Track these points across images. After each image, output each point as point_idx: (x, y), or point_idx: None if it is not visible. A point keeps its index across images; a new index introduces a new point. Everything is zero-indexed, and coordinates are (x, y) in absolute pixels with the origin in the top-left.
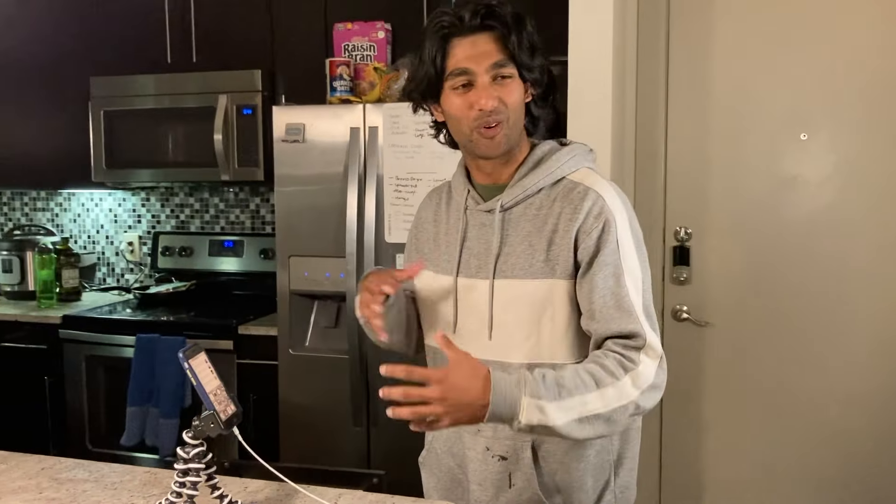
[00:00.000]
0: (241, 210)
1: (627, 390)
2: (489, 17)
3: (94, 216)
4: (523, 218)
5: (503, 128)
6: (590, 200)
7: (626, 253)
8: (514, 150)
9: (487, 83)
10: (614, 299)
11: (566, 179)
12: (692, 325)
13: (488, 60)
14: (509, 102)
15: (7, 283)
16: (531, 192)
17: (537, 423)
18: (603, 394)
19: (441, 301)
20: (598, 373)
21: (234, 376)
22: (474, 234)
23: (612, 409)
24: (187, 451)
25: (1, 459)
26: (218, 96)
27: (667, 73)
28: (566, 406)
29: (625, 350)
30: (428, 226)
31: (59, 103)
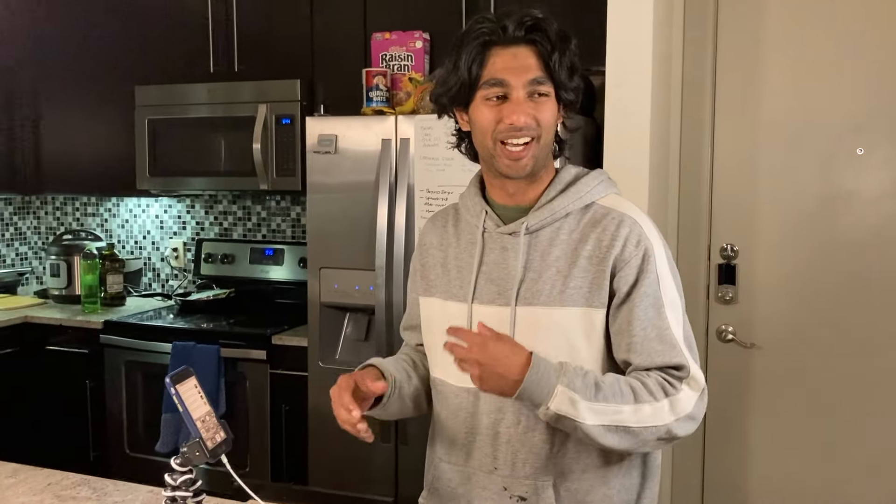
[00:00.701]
0: (283, 218)
1: (664, 414)
2: (534, 31)
3: (141, 222)
4: (551, 243)
5: (533, 147)
6: (626, 227)
7: (665, 283)
8: (539, 170)
9: (523, 98)
10: (656, 331)
11: (596, 205)
12: (738, 346)
13: (527, 75)
14: (543, 121)
15: (55, 287)
16: (559, 215)
17: (565, 414)
18: (638, 409)
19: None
20: (639, 389)
21: (267, 386)
22: (493, 259)
23: (643, 427)
24: (175, 479)
25: (11, 472)
26: (258, 105)
27: (714, 83)
28: (598, 409)
29: (668, 377)
30: (434, 251)
31: (108, 111)
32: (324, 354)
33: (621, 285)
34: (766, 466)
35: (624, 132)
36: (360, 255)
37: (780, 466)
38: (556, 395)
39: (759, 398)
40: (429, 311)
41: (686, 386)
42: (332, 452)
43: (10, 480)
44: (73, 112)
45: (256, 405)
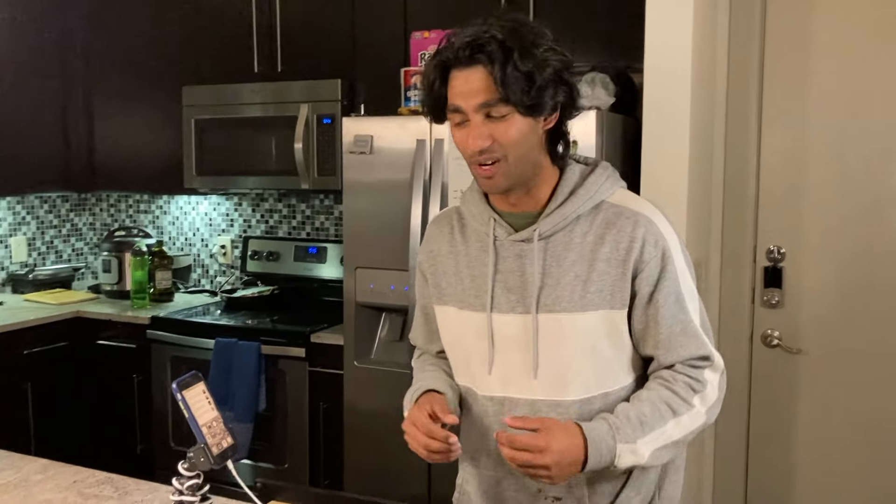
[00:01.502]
0: (326, 217)
1: (699, 414)
2: (479, 51)
3: (191, 219)
4: (566, 247)
5: (501, 166)
6: (642, 227)
7: (683, 277)
8: (528, 181)
9: (479, 122)
10: (680, 326)
11: (606, 203)
12: (784, 352)
13: (477, 99)
14: (503, 140)
15: (107, 282)
16: (570, 219)
17: (631, 465)
18: (679, 422)
19: (471, 340)
20: (673, 401)
21: (305, 384)
22: (507, 267)
23: (686, 434)
24: (181, 483)
25: (41, 468)
26: (300, 105)
27: (760, 82)
28: (650, 440)
29: (692, 370)
30: (444, 258)
31: (157, 111)
32: (359, 354)
33: (643, 286)
34: (812, 476)
35: (662, 132)
36: (396, 255)
37: (827, 477)
38: (620, 455)
39: (805, 406)
40: (444, 320)
41: (709, 372)
42: (366, 451)
43: (38, 476)
44: (125, 112)
45: (295, 402)
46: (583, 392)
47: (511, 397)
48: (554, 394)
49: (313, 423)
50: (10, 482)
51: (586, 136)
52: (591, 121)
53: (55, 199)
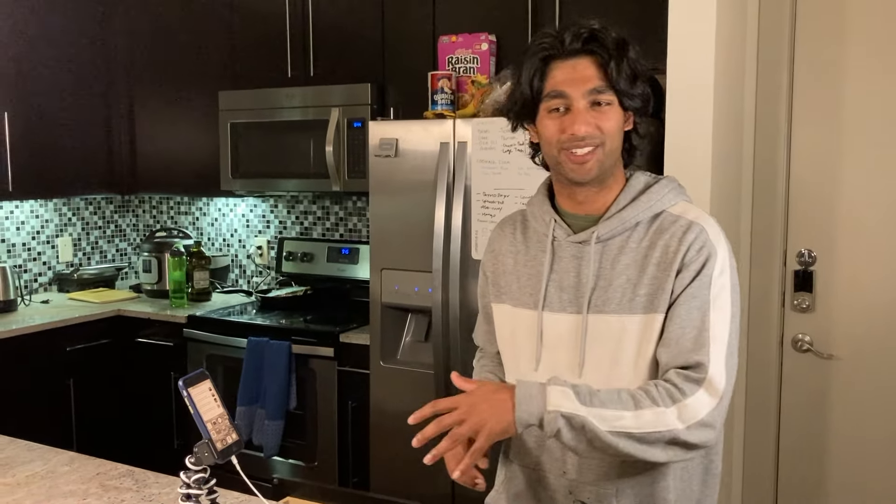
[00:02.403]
0: (359, 218)
1: (668, 419)
2: (591, 42)
3: (229, 221)
4: (621, 251)
5: (597, 153)
6: (693, 233)
7: (719, 289)
8: (607, 178)
9: (584, 108)
10: (694, 332)
11: (666, 213)
12: (815, 357)
13: (586, 85)
14: (606, 128)
15: (147, 282)
16: (629, 225)
17: (568, 411)
18: (639, 415)
19: (522, 337)
20: (639, 396)
21: (334, 383)
22: (562, 267)
23: (647, 433)
24: (188, 476)
25: (68, 461)
26: (331, 109)
27: (791, 80)
28: (599, 415)
29: (680, 380)
30: (504, 258)
31: (195, 115)
32: (385, 354)
33: (678, 287)
34: (845, 484)
35: (685, 134)
36: (420, 256)
37: (860, 485)
38: (550, 394)
39: (837, 412)
40: (500, 318)
41: (702, 391)
42: (391, 450)
43: (64, 468)
44: (164, 117)
45: (325, 401)
46: None
47: None
48: None
49: (342, 421)
50: (38, 473)
51: None
52: None
53: (100, 200)
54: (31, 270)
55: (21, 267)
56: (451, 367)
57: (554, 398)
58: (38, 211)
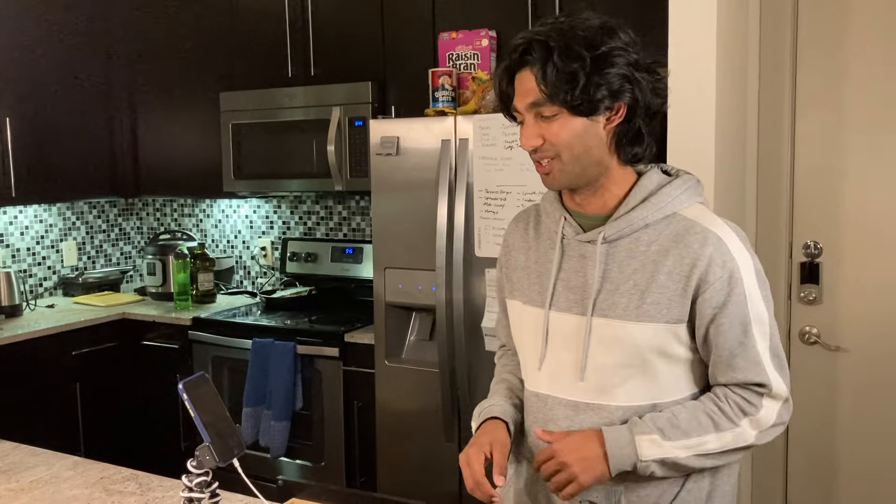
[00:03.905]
0: (362, 218)
1: (746, 434)
2: (526, 53)
3: (233, 222)
4: (629, 254)
5: (556, 164)
6: (711, 246)
7: (753, 300)
8: (594, 182)
9: (531, 122)
10: (741, 349)
11: (678, 216)
12: (823, 349)
13: (527, 99)
14: (554, 139)
15: (152, 284)
16: (637, 226)
17: (660, 457)
18: (720, 437)
19: (529, 335)
20: (717, 416)
21: (340, 383)
22: (571, 266)
23: (728, 451)
24: (190, 480)
25: (71, 465)
26: (332, 108)
27: (794, 69)
28: (684, 445)
29: (748, 394)
30: (517, 253)
31: (197, 117)
32: (389, 353)
33: (705, 308)
34: (853, 476)
35: (687, 127)
36: (423, 255)
37: (868, 476)
38: (640, 445)
39: (845, 404)
40: (512, 314)
41: (767, 400)
42: (397, 449)
43: (69, 473)
44: (166, 119)
45: (331, 401)
46: (628, 400)
47: (555, 396)
48: (597, 398)
49: (349, 421)
50: (42, 478)
51: None
52: None
53: (104, 204)
54: (36, 275)
55: (26, 272)
56: (455, 365)
57: (645, 449)
58: (42, 216)
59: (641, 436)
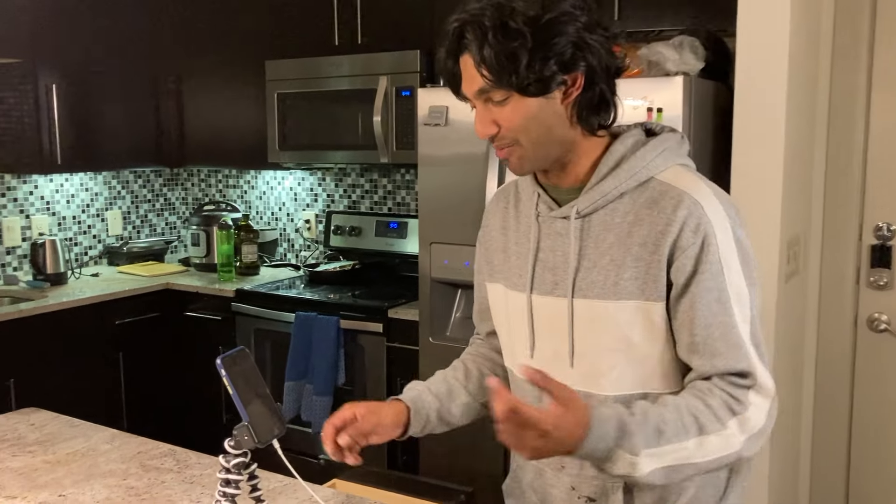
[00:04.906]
0: (407, 191)
1: (733, 439)
2: (462, 37)
3: (277, 194)
4: (605, 227)
5: (516, 150)
6: (684, 209)
7: (731, 273)
8: (563, 158)
9: (482, 109)
10: (720, 329)
11: (654, 180)
12: (892, 336)
13: (473, 86)
14: (507, 124)
15: (196, 255)
16: (611, 196)
17: (623, 474)
18: (704, 442)
19: (516, 321)
20: (703, 416)
21: (383, 359)
22: (548, 245)
23: (710, 460)
24: (227, 460)
25: (109, 438)
26: (379, 78)
27: (871, 43)
28: (659, 452)
29: (733, 388)
30: (496, 234)
31: (242, 86)
32: (434, 330)
33: (678, 277)
34: None
35: (756, 99)
36: (470, 230)
37: None
38: (615, 463)
39: None
40: (494, 298)
41: (755, 395)
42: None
43: (106, 446)
44: (212, 87)
45: (374, 378)
46: (618, 389)
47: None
48: (588, 385)
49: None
50: (79, 451)
51: (673, 104)
52: (678, 87)
53: (149, 174)
54: (82, 243)
55: (71, 240)
56: None
57: (618, 467)
58: (88, 184)
59: (626, 454)
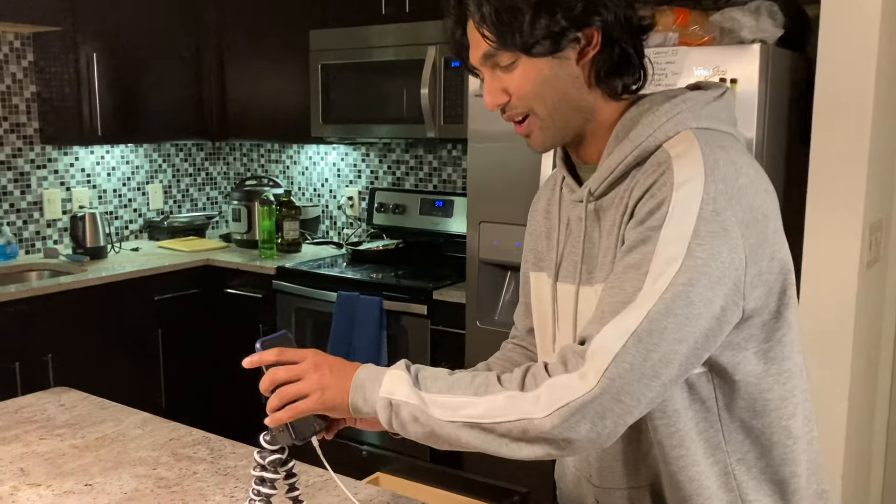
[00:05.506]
0: (454, 168)
1: (523, 405)
2: (460, 2)
3: (320, 170)
4: (612, 207)
5: (534, 122)
6: (657, 173)
7: (673, 242)
8: (582, 129)
9: (490, 77)
10: (618, 297)
11: (661, 150)
12: None
13: (477, 52)
14: (521, 93)
15: (237, 231)
16: (617, 174)
17: (399, 399)
18: (489, 401)
19: (548, 311)
20: (492, 380)
21: (427, 343)
22: (571, 229)
23: (494, 422)
24: (263, 456)
25: (140, 423)
26: (427, 48)
27: None
28: (439, 402)
29: (554, 360)
30: (540, 218)
31: (285, 57)
32: (482, 314)
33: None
34: None
35: (840, 72)
36: (522, 209)
37: None
38: (384, 382)
39: None
40: (537, 289)
41: (570, 371)
42: None
43: (137, 431)
44: (255, 58)
45: (417, 362)
46: None
47: None
48: None
49: None
50: (108, 435)
51: (748, 75)
52: (753, 56)
53: (190, 147)
54: (122, 217)
55: (112, 213)
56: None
57: (387, 384)
58: (129, 157)
59: (393, 370)
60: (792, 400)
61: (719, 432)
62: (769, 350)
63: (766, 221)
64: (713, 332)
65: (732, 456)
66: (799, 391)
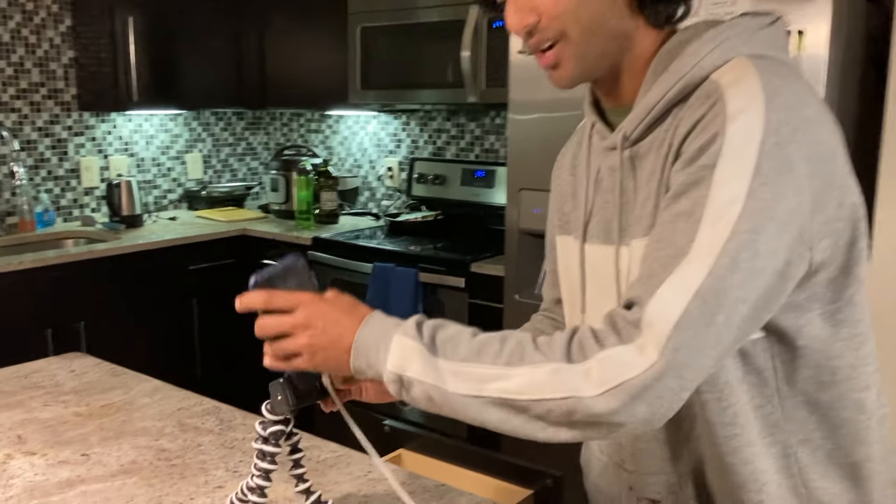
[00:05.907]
0: (496, 137)
1: (572, 380)
2: None
3: (360, 139)
4: (651, 151)
5: (563, 49)
6: (706, 105)
7: (724, 178)
8: (617, 61)
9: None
10: (669, 251)
11: (709, 81)
12: None
13: None
14: (554, 12)
15: (275, 201)
16: (658, 112)
17: (410, 377)
18: (527, 374)
19: (576, 276)
20: (530, 347)
21: (465, 317)
22: (605, 184)
23: (531, 400)
24: (264, 428)
25: (150, 391)
26: (469, 7)
27: None
28: (460, 373)
29: (608, 320)
30: (565, 175)
31: (324, 22)
32: (521, 287)
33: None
34: None
35: None
36: None
37: None
38: (391, 352)
39: None
40: (564, 254)
41: (627, 342)
42: None
43: (145, 400)
44: (293, 24)
45: None
46: None
47: None
48: None
49: None
50: (114, 403)
51: (816, 27)
52: (823, 5)
53: (230, 116)
54: (161, 186)
55: (151, 182)
56: None
57: (395, 355)
58: (168, 125)
59: (401, 337)
60: (865, 369)
61: (778, 408)
62: (837, 311)
63: (835, 160)
64: (776, 291)
65: (794, 436)
66: (872, 358)
